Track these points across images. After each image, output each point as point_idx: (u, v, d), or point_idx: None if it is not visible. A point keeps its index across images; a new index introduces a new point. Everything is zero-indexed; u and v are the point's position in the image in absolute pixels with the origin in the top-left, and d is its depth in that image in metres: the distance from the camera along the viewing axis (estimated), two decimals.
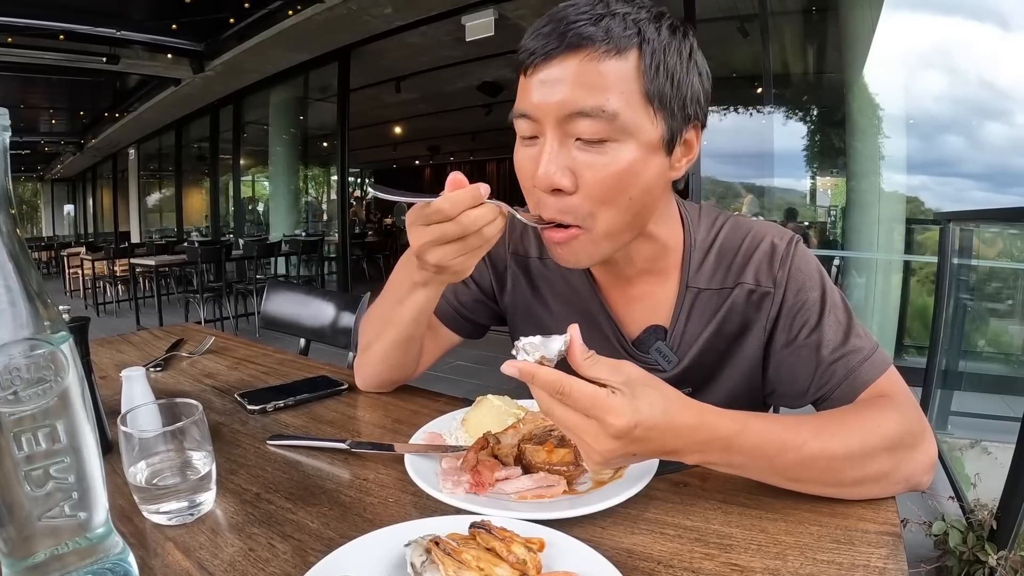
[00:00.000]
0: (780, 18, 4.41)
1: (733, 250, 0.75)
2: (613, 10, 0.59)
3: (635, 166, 0.61)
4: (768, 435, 0.54)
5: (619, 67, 0.58)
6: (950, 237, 2.70)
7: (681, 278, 0.76)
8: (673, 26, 0.62)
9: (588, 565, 0.44)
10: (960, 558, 1.57)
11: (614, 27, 0.58)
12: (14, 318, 0.38)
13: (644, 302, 0.78)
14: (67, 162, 14.50)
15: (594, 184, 0.61)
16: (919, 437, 0.59)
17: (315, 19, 5.19)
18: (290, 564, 0.48)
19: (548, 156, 0.61)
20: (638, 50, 0.59)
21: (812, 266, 0.72)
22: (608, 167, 0.60)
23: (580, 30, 0.58)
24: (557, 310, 0.83)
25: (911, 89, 3.84)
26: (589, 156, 0.60)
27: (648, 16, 0.60)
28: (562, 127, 0.60)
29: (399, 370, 0.86)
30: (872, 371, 0.66)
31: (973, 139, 3.83)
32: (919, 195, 3.94)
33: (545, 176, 0.61)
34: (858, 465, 0.55)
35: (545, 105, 0.60)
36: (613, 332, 0.79)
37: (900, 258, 3.98)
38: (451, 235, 0.58)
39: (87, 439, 0.41)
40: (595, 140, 0.60)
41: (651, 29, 0.59)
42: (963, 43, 3.62)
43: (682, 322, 0.76)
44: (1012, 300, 2.94)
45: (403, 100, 8.07)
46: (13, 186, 0.40)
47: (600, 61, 0.58)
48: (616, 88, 0.58)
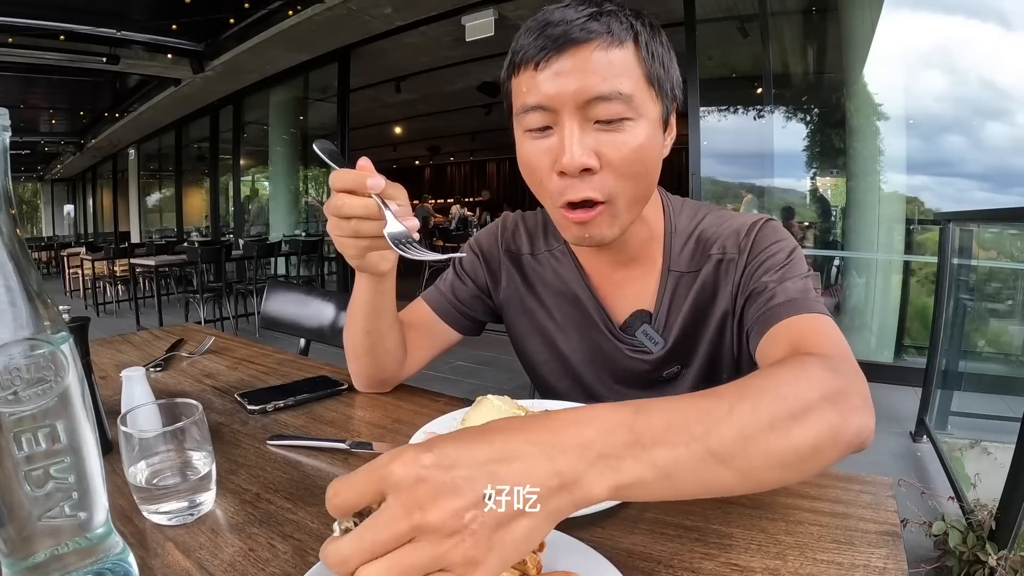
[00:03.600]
0: (780, 18, 4.41)
1: (712, 235, 0.79)
2: (606, 9, 0.65)
3: (649, 141, 0.67)
4: (680, 406, 0.39)
5: (623, 55, 0.64)
6: (950, 237, 2.70)
7: (663, 263, 0.81)
8: (650, 22, 0.69)
9: (588, 565, 0.44)
10: (960, 558, 1.57)
11: (612, 22, 0.64)
12: (14, 318, 0.38)
13: (629, 288, 0.82)
14: (67, 162, 14.49)
15: (618, 160, 0.66)
16: (852, 378, 0.48)
17: (315, 19, 5.19)
18: (290, 564, 0.48)
19: (573, 140, 0.64)
20: (634, 41, 0.65)
21: (781, 235, 0.75)
22: (628, 143, 0.65)
23: (586, 25, 0.63)
24: (548, 301, 0.88)
25: (911, 89, 3.84)
26: (609, 136, 0.65)
27: (632, 13, 0.67)
28: (581, 112, 0.64)
29: (380, 366, 0.84)
30: (784, 310, 0.64)
31: (974, 139, 3.83)
32: (919, 195, 3.94)
33: (572, 160, 0.64)
34: (802, 420, 0.41)
35: (563, 94, 0.64)
36: (600, 317, 0.84)
37: (900, 258, 3.98)
38: (329, 209, 0.63)
39: (87, 439, 0.41)
40: (614, 120, 0.64)
41: (639, 23, 0.67)
42: (964, 43, 3.62)
43: (665, 305, 0.80)
44: (1012, 300, 2.94)
45: (403, 100, 8.08)
46: (13, 186, 0.40)
47: (607, 51, 0.63)
48: (625, 73, 0.64)
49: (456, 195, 15.63)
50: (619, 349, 0.83)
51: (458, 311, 0.92)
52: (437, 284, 0.95)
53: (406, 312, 0.92)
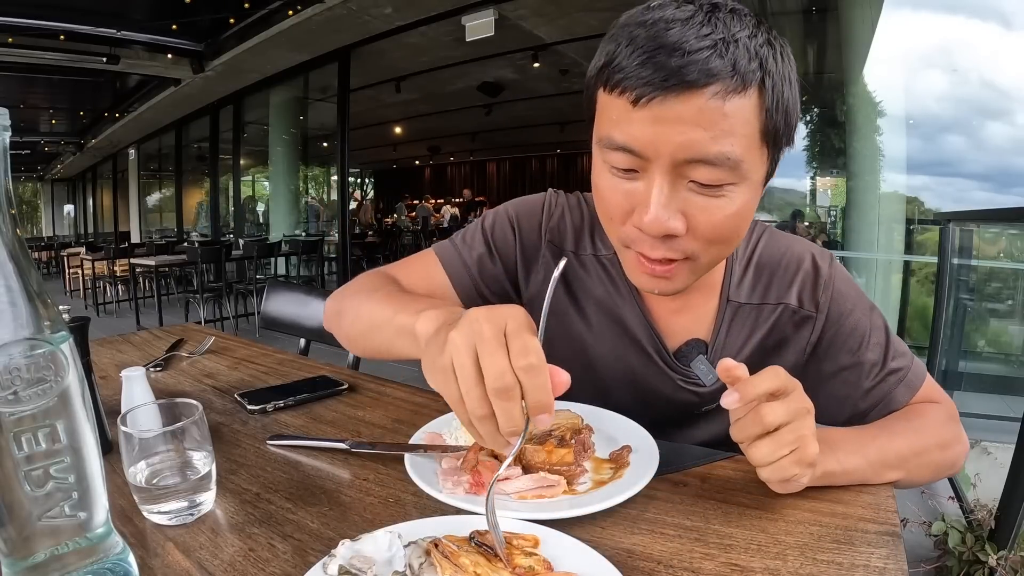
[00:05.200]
0: (780, 18, 4.41)
1: (772, 265, 0.74)
2: (735, 35, 0.52)
3: (747, 207, 0.58)
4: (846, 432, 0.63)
5: (743, 106, 0.53)
6: (950, 237, 2.70)
7: (722, 292, 0.74)
8: (783, 48, 0.56)
9: (588, 565, 0.44)
10: (960, 558, 1.57)
11: (740, 59, 0.51)
12: (14, 318, 0.38)
13: (685, 315, 0.75)
14: (67, 162, 14.50)
15: (707, 227, 0.57)
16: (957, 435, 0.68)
17: (315, 19, 5.19)
18: (290, 564, 0.48)
19: (660, 200, 0.55)
20: (759, 86, 0.53)
21: (852, 289, 0.74)
22: (723, 210, 0.57)
23: (706, 64, 0.51)
24: (589, 309, 0.78)
25: (911, 89, 3.84)
26: (703, 200, 0.56)
27: (765, 40, 0.54)
28: (677, 169, 0.55)
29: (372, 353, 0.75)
30: (906, 393, 0.71)
31: (974, 139, 3.83)
32: (920, 195, 3.94)
33: (656, 222, 0.56)
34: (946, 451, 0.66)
35: (661, 146, 0.53)
36: (652, 344, 0.75)
37: (900, 258, 3.98)
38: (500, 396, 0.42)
39: (87, 439, 0.41)
40: (713, 185, 0.55)
41: (771, 58, 0.54)
42: (964, 42, 3.62)
43: (722, 336, 0.74)
44: (1012, 300, 2.94)
45: (403, 100, 8.09)
46: (13, 186, 0.40)
47: (726, 100, 0.52)
48: (739, 131, 0.53)
49: (452, 195, 15.78)
50: (669, 379, 0.75)
51: (477, 291, 0.77)
52: (457, 246, 0.79)
53: (413, 272, 0.79)
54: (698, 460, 0.65)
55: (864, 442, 0.61)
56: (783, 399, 0.52)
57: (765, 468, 0.53)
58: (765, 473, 0.53)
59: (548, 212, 0.79)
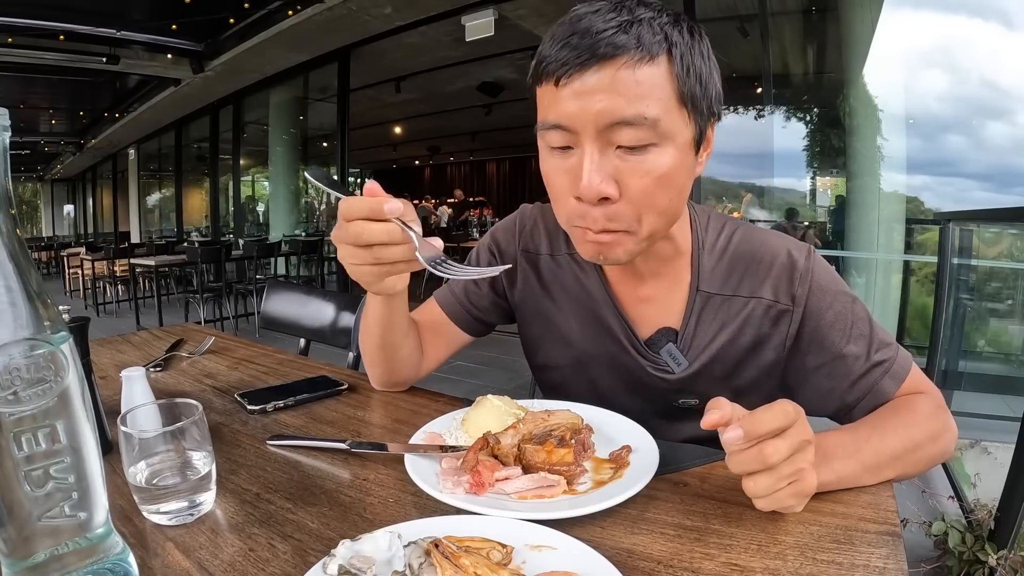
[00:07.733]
0: (780, 18, 4.41)
1: (747, 259, 0.75)
2: (639, 16, 0.59)
3: (675, 168, 0.62)
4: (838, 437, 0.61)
5: (653, 73, 0.59)
6: (950, 237, 2.70)
7: (691, 281, 0.76)
8: (691, 28, 0.62)
9: (588, 565, 0.44)
10: (960, 558, 1.57)
11: (644, 34, 0.58)
12: (14, 318, 0.38)
13: (654, 303, 0.78)
14: (67, 162, 14.50)
15: (639, 190, 0.62)
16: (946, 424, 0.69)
17: (315, 19, 5.19)
18: (290, 564, 0.48)
19: (591, 166, 0.60)
20: (668, 55, 0.59)
21: (831, 280, 0.73)
22: (651, 172, 0.61)
23: (612, 39, 0.57)
24: (566, 308, 0.84)
25: (911, 89, 3.84)
26: (631, 163, 0.61)
27: (670, 20, 0.61)
28: (603, 136, 0.60)
29: (396, 372, 0.86)
30: (892, 384, 0.71)
31: (974, 139, 3.83)
32: (920, 195, 3.94)
33: (590, 187, 0.61)
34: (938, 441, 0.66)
35: (583, 116, 0.59)
36: (624, 332, 0.79)
37: (900, 258, 3.97)
38: (344, 239, 0.57)
39: (87, 439, 0.41)
40: (637, 146, 0.60)
41: (676, 33, 0.60)
42: (964, 42, 3.62)
43: (692, 325, 0.76)
44: (1012, 300, 2.94)
45: (403, 100, 8.08)
46: (13, 186, 0.40)
47: (635, 68, 0.58)
48: (653, 94, 0.59)
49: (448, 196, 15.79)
50: (641, 366, 0.79)
51: (471, 315, 0.90)
52: (450, 285, 0.91)
53: (419, 312, 0.91)
54: (698, 460, 0.65)
55: (858, 445, 0.60)
56: (785, 435, 0.51)
57: (762, 500, 0.52)
58: (761, 504, 0.53)
59: (521, 224, 0.88)
